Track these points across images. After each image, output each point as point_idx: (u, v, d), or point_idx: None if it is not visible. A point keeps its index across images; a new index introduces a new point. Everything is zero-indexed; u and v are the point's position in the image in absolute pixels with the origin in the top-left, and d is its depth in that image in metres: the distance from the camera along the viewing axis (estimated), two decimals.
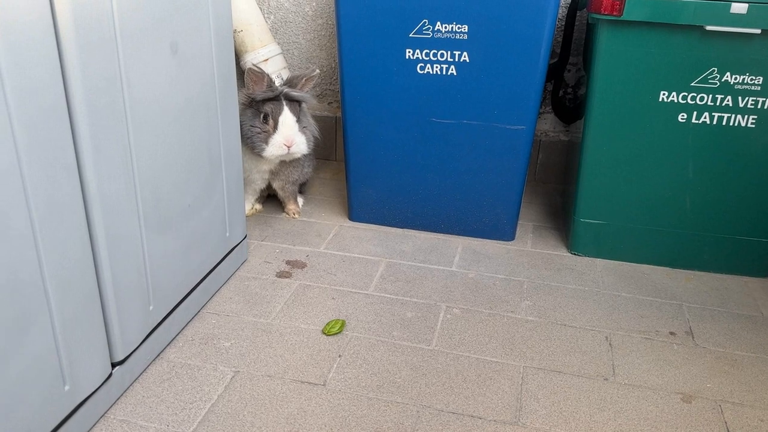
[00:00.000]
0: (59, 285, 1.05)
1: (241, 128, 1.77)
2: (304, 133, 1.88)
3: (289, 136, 1.84)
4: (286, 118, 1.84)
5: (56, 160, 1.01)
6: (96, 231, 1.13)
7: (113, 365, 1.25)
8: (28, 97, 0.93)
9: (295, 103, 1.87)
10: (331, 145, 2.57)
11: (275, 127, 1.83)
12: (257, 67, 1.83)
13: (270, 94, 1.82)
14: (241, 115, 1.80)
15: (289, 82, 1.90)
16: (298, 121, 1.87)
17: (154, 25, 1.22)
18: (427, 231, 2.02)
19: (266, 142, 1.84)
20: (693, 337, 1.54)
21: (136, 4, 1.15)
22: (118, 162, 1.16)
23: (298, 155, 1.91)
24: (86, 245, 1.11)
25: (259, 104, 1.84)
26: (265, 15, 2.43)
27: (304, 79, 1.89)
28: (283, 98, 1.84)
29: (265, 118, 1.83)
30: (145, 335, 1.33)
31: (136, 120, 1.19)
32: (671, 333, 1.55)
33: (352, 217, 2.08)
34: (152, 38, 1.21)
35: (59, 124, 1.01)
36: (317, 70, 1.94)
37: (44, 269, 1.02)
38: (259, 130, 1.83)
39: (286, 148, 1.84)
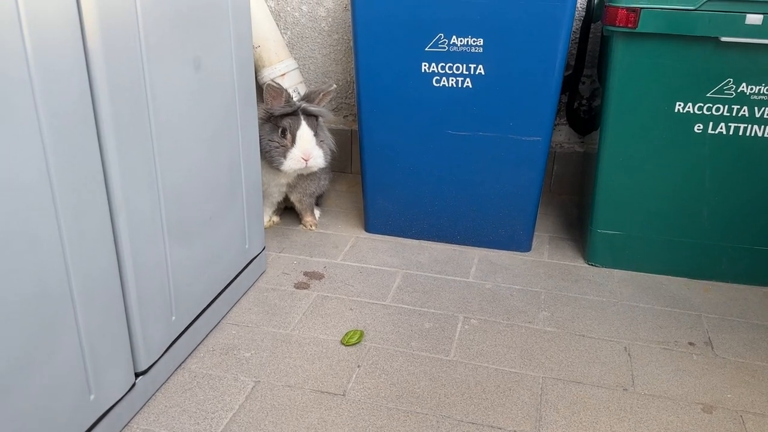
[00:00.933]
0: (86, 295, 1.07)
1: (259, 142, 1.80)
2: (321, 146, 1.91)
3: (307, 150, 1.87)
4: (304, 132, 1.87)
5: (83, 172, 1.03)
6: (121, 242, 1.15)
7: (136, 375, 1.27)
8: (57, 110, 0.96)
9: (312, 117, 1.90)
10: (347, 157, 2.59)
11: (293, 142, 1.86)
12: (276, 82, 1.86)
13: (288, 110, 1.85)
14: (259, 130, 1.83)
15: (307, 97, 1.93)
16: (316, 135, 1.89)
17: (179, 42, 1.25)
18: (443, 242, 2.03)
19: (284, 156, 1.87)
20: (712, 348, 1.53)
21: (161, 21, 1.18)
22: (144, 174, 1.18)
23: (315, 169, 1.93)
24: (112, 256, 1.14)
25: (277, 119, 1.87)
26: (282, 31, 2.47)
27: (322, 94, 1.92)
28: (300, 113, 1.87)
29: (283, 132, 1.86)
30: (168, 345, 1.35)
31: (161, 133, 1.22)
32: (690, 343, 1.55)
33: (369, 228, 2.09)
34: (176, 54, 1.24)
35: (86, 136, 1.03)
36: (334, 85, 1.97)
37: (72, 280, 1.04)
38: (277, 144, 1.86)
39: (304, 161, 1.87)
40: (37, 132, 0.93)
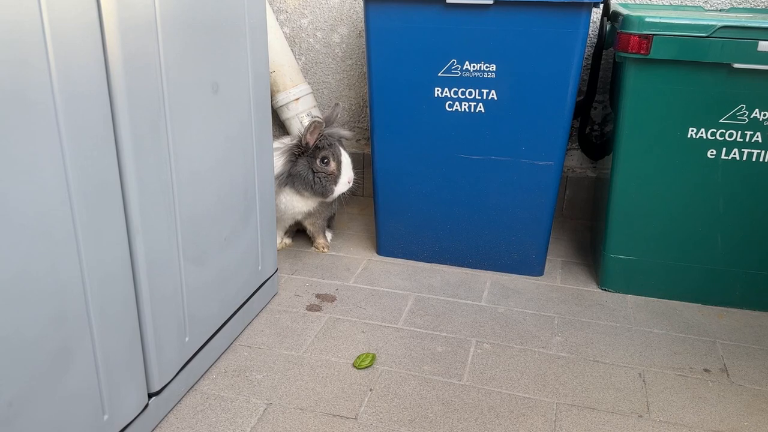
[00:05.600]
0: (102, 317, 1.08)
1: (298, 177, 1.87)
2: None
3: (350, 174, 1.95)
4: (346, 158, 1.94)
5: (103, 194, 1.05)
6: (138, 264, 1.16)
7: (150, 396, 1.27)
8: (79, 134, 0.98)
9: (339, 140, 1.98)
10: (359, 180, 2.60)
11: (339, 168, 1.91)
12: (319, 118, 1.88)
13: (331, 140, 1.90)
14: (294, 166, 1.88)
15: (328, 122, 1.97)
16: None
17: (198, 68, 1.27)
18: (455, 265, 2.03)
19: (335, 183, 1.91)
20: (728, 375, 1.51)
21: (182, 46, 1.21)
22: (161, 197, 1.20)
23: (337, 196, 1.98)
24: (128, 277, 1.15)
25: (314, 150, 1.89)
26: (297, 56, 2.51)
27: (337, 115, 1.99)
28: (335, 140, 1.93)
29: (324, 160, 1.89)
30: (181, 366, 1.36)
31: (178, 157, 1.23)
32: (705, 370, 1.53)
33: (381, 251, 2.10)
34: (195, 80, 1.27)
35: (107, 159, 1.05)
36: (339, 104, 2.04)
37: (89, 302, 1.05)
38: (323, 173, 1.89)
39: (349, 184, 1.94)
40: (59, 155, 0.94)
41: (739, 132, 1.63)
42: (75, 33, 0.94)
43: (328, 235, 2.20)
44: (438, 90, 1.82)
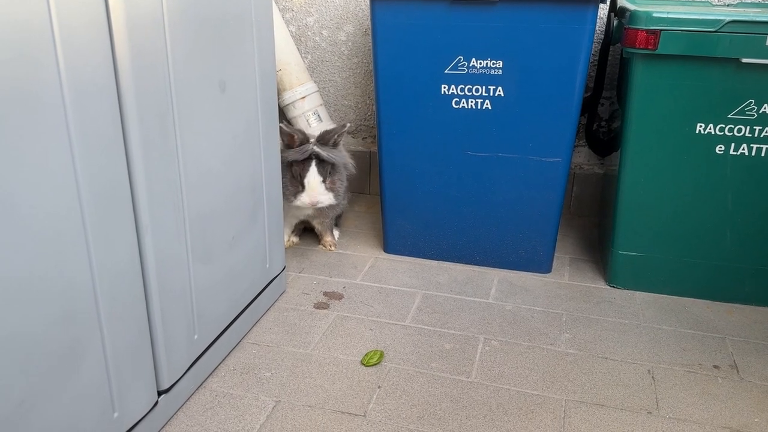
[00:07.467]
0: (112, 315, 1.09)
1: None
2: (331, 189, 1.92)
3: (314, 197, 1.89)
4: (312, 180, 1.88)
5: (112, 193, 1.05)
6: (147, 263, 1.17)
7: (159, 393, 1.27)
8: (88, 133, 0.98)
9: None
10: (366, 179, 2.61)
11: (302, 186, 1.89)
12: (288, 126, 1.85)
13: (298, 157, 1.86)
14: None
15: (322, 138, 1.92)
16: (329, 175, 1.91)
17: (205, 67, 1.27)
18: (462, 263, 2.03)
19: (294, 196, 1.90)
20: (738, 371, 1.51)
21: (189, 44, 1.21)
22: (169, 196, 1.20)
23: (325, 206, 1.95)
24: (137, 275, 1.15)
25: (294, 156, 1.87)
26: (303, 55, 2.51)
27: (336, 135, 1.93)
28: (313, 157, 1.88)
29: (293, 170, 1.88)
30: (190, 364, 1.36)
31: (187, 154, 1.24)
32: (715, 366, 1.52)
33: (388, 249, 2.10)
34: (202, 78, 1.27)
35: (115, 157, 1.05)
36: (348, 124, 1.98)
37: (98, 299, 1.05)
38: (288, 183, 1.89)
39: (311, 204, 1.91)
40: (68, 153, 0.95)
41: (748, 127, 1.62)
42: (83, 31, 0.95)
43: (336, 233, 2.20)
44: (444, 87, 1.82)
